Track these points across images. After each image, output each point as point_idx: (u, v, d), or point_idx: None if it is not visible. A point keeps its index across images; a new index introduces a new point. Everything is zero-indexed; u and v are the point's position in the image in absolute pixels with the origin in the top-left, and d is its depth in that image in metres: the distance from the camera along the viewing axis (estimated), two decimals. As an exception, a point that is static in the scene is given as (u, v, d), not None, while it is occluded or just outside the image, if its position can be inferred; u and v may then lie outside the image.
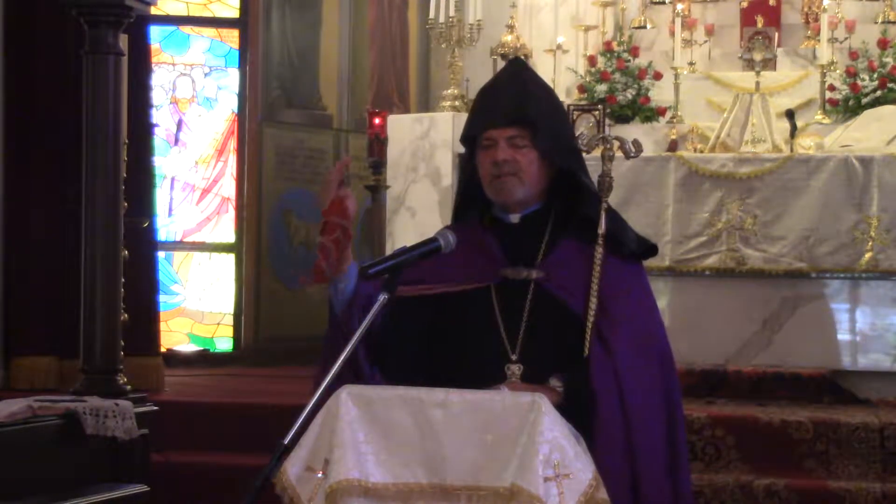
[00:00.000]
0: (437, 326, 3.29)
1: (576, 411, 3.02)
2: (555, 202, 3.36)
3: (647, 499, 3.11)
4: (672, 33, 8.04)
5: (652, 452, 3.16)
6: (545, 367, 3.20)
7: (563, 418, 2.88)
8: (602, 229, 3.29)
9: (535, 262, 3.30)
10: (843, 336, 6.80)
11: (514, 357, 3.22)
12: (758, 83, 7.56)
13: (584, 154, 3.41)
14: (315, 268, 3.15)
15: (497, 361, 3.21)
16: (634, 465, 3.11)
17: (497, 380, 3.18)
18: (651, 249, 3.46)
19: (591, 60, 8.41)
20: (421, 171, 7.80)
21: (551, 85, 7.93)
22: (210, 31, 9.06)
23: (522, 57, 8.15)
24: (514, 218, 3.34)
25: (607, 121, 7.81)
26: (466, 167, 3.44)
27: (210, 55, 9.04)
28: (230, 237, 8.97)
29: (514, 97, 3.30)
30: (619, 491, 3.02)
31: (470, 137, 3.36)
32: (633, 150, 3.39)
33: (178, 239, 8.93)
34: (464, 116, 4.41)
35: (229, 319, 8.92)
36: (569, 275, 3.27)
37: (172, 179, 8.89)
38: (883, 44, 7.97)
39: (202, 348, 8.82)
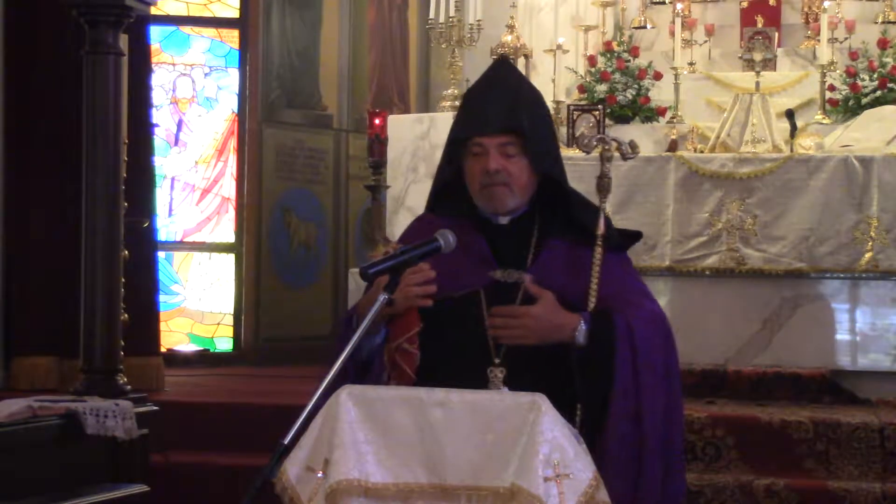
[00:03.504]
0: (424, 332, 3.22)
1: (596, 359, 3.08)
2: (539, 205, 3.33)
3: (650, 464, 3.14)
4: (672, 33, 8.04)
5: (653, 422, 3.16)
6: (528, 371, 3.16)
7: (563, 418, 2.89)
8: (601, 230, 3.27)
9: (525, 265, 3.28)
10: (843, 336, 6.80)
11: (497, 360, 3.18)
12: (758, 83, 7.56)
13: (584, 154, 3.39)
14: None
15: (480, 364, 3.17)
16: (641, 429, 3.13)
17: (480, 383, 3.13)
18: (636, 236, 3.46)
19: (591, 60, 8.40)
20: (421, 171, 7.78)
21: (551, 85, 8.07)
22: (210, 31, 9.06)
23: (522, 57, 8.19)
24: (504, 220, 3.32)
25: (607, 121, 7.80)
26: (447, 166, 3.38)
27: (210, 55, 9.03)
28: (230, 237, 8.96)
29: (505, 103, 3.25)
30: (626, 454, 3.10)
31: (458, 140, 3.31)
32: (630, 151, 3.37)
33: (178, 239, 8.92)
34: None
35: (229, 319, 8.91)
36: (558, 278, 3.25)
37: (172, 179, 8.89)
38: (883, 44, 7.97)
39: (202, 348, 8.81)
